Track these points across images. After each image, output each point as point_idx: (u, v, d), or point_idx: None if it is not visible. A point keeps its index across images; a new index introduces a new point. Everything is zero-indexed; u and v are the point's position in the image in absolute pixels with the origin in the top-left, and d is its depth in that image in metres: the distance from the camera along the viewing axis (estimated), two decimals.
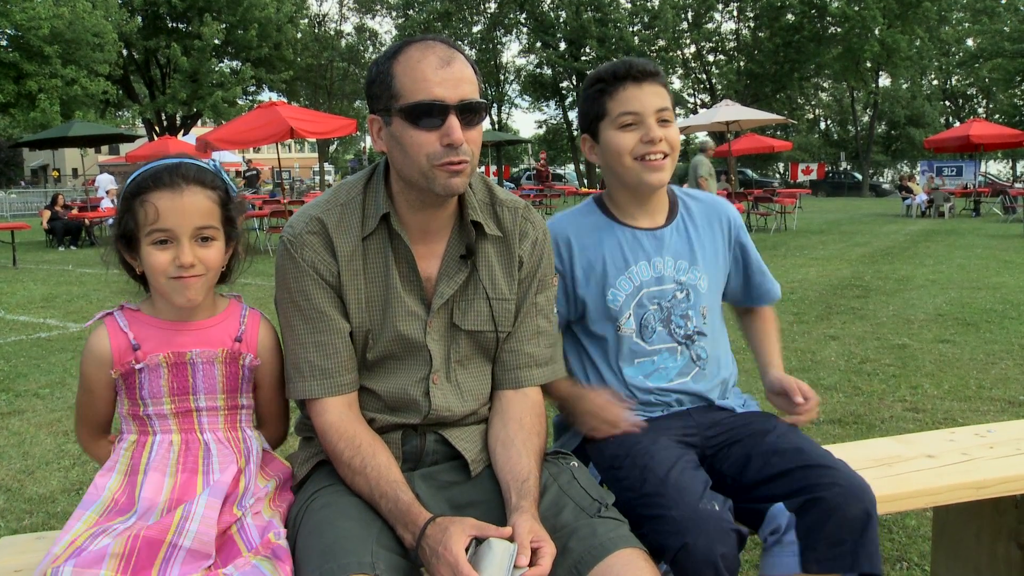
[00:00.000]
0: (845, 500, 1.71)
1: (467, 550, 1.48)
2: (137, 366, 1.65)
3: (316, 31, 50.93)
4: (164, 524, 1.53)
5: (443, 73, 1.65)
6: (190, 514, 1.54)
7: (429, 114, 1.64)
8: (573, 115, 55.22)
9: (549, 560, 1.50)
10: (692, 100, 54.11)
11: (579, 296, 2.06)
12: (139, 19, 38.64)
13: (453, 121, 1.64)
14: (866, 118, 53.13)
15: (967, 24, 50.55)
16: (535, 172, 37.58)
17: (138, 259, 1.66)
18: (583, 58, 48.92)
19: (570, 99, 54.01)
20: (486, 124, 1.80)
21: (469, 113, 1.67)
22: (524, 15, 51.51)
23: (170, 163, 1.65)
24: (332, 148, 62.32)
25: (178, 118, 40.63)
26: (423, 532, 1.53)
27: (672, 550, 1.62)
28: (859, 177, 48.26)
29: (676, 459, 1.84)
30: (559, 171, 51.07)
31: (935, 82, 57.80)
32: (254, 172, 27.72)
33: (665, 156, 1.98)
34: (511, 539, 1.51)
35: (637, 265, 2.05)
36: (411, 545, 1.55)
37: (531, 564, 1.49)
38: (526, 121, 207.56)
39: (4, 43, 30.87)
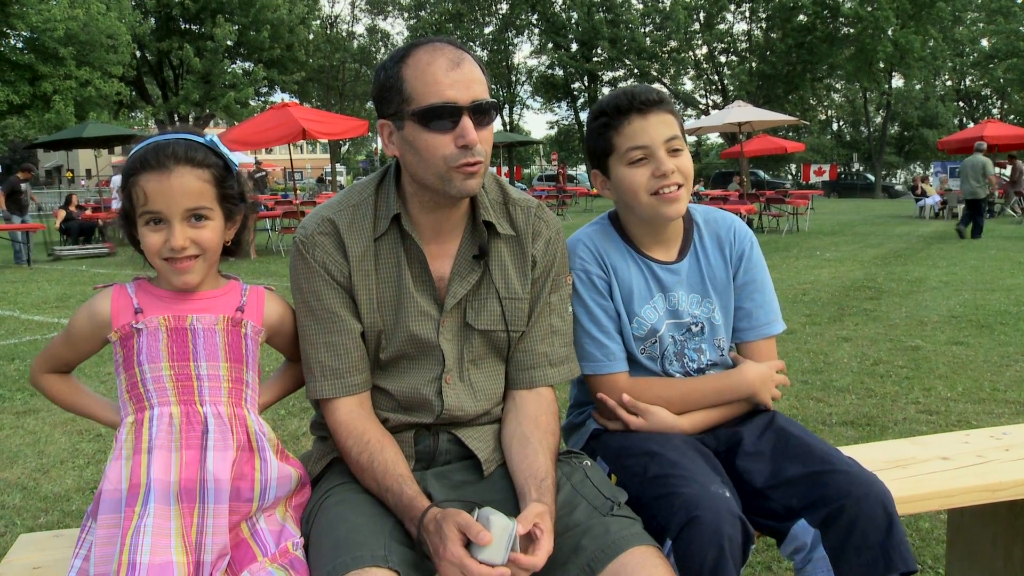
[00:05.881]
0: (864, 505, 1.71)
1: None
2: (136, 325, 1.61)
3: (328, 32, 51.11)
4: (189, 543, 1.53)
5: (454, 75, 1.65)
6: (204, 527, 1.55)
7: (442, 116, 1.64)
8: (584, 116, 55.21)
9: (544, 554, 1.50)
10: (704, 101, 54.00)
11: (617, 310, 2.01)
12: (152, 21, 38.89)
13: (467, 122, 1.64)
14: (879, 119, 52.86)
15: (982, 24, 50.20)
16: (556, 173, 38.39)
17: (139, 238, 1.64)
18: (595, 59, 48.91)
19: (582, 100, 53.99)
20: (497, 125, 1.78)
21: (481, 114, 1.67)
22: (536, 16, 51.52)
23: (160, 141, 1.61)
24: (344, 149, 62.49)
25: (191, 119, 40.76)
26: (420, 526, 1.55)
27: (678, 525, 1.60)
28: (872, 178, 48.02)
29: (687, 448, 1.85)
30: (571, 172, 51.24)
31: (949, 83, 57.44)
32: (263, 174, 27.58)
33: (679, 187, 1.91)
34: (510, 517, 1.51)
35: (654, 298, 2.02)
36: (416, 538, 1.57)
37: (526, 553, 1.49)
38: (538, 122, 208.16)
39: (20, 45, 31.10)
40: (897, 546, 1.69)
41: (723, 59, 52.12)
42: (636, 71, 49.19)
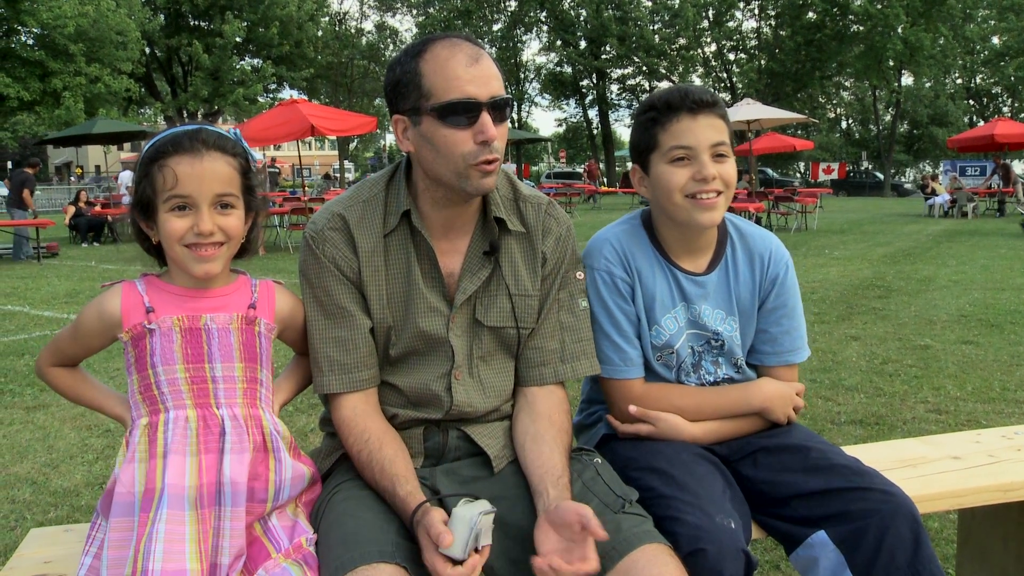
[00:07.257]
0: (891, 523, 1.67)
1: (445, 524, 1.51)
2: (149, 326, 1.58)
3: (337, 29, 51.09)
4: (205, 548, 1.51)
5: (473, 70, 1.64)
6: (221, 530, 1.54)
7: (462, 112, 1.63)
8: (593, 113, 55.22)
9: (595, 560, 1.48)
10: None
11: (637, 313, 1.97)
12: (161, 17, 39.06)
13: (486, 118, 1.64)
14: (888, 117, 52.62)
15: (993, 22, 49.84)
16: (585, 171, 38.67)
17: (155, 228, 1.60)
18: (603, 56, 48.83)
19: (590, 97, 53.92)
20: None
21: (498, 110, 1.67)
22: (544, 13, 51.47)
23: (190, 128, 1.60)
24: (352, 146, 62.48)
25: (199, 115, 40.87)
26: (413, 527, 1.56)
27: (684, 552, 1.59)
28: (881, 177, 47.81)
29: (696, 466, 1.82)
30: (578, 169, 51.29)
31: (959, 81, 57.09)
32: (277, 170, 27.83)
33: (719, 194, 1.84)
34: (477, 503, 1.53)
35: (676, 308, 1.97)
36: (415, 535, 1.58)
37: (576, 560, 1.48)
38: (546, 119, 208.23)
39: (30, 42, 31.26)
40: (927, 563, 1.65)
41: (732, 57, 51.94)
42: (645, 68, 49.07)
